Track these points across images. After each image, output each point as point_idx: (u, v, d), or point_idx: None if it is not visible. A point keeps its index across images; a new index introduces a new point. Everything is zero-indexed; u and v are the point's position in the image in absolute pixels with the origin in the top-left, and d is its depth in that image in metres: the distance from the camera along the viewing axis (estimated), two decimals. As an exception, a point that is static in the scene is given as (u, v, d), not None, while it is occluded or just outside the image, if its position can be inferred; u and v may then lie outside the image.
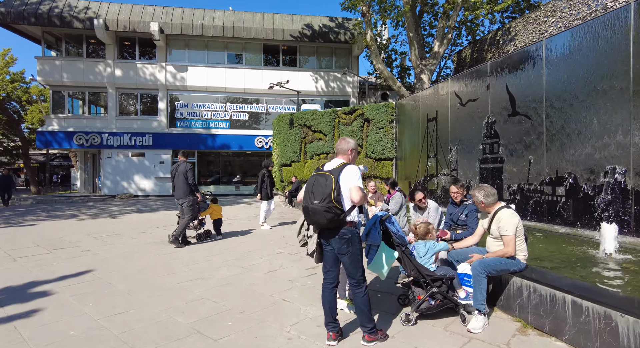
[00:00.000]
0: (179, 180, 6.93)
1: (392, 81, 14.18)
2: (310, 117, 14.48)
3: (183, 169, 6.94)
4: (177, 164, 7.08)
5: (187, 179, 6.94)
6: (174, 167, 7.05)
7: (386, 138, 12.73)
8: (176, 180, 6.97)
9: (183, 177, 6.92)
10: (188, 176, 6.96)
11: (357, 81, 21.65)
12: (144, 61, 20.22)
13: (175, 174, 7.00)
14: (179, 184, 6.95)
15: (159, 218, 11.27)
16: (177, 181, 6.96)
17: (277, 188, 15.91)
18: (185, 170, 6.94)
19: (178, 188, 6.98)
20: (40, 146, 19.18)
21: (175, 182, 6.98)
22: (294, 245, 6.74)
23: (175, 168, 7.03)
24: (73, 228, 9.38)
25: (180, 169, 6.96)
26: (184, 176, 6.93)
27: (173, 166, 7.09)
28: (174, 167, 7.05)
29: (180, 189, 6.94)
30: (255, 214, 11.69)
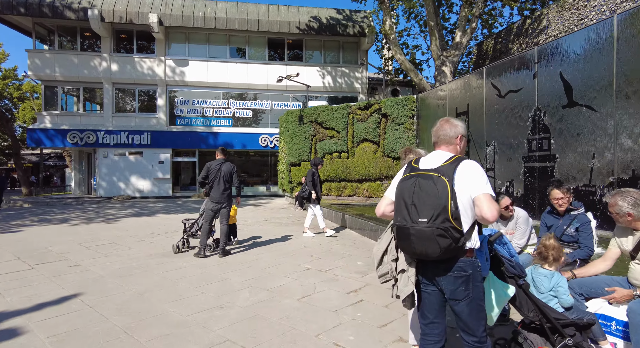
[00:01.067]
0: (222, 182, 6.04)
1: (414, 73, 13.21)
2: (322, 113, 13.47)
3: (229, 169, 6.15)
4: (219, 163, 6.14)
5: (232, 181, 6.17)
6: (214, 166, 6.10)
7: (406, 135, 11.73)
8: (218, 182, 6.05)
9: (229, 178, 6.13)
10: (234, 178, 6.18)
11: (366, 77, 20.65)
12: (142, 54, 19.14)
13: (217, 174, 6.07)
14: (222, 187, 6.04)
15: (158, 222, 10.23)
16: (220, 183, 6.04)
17: (285, 189, 14.89)
18: (232, 171, 6.17)
19: (219, 191, 6.05)
20: (32, 144, 18.06)
21: (217, 184, 6.05)
22: (321, 258, 5.73)
23: (217, 167, 6.09)
24: (63, 235, 8.33)
25: (225, 169, 6.10)
26: (230, 178, 6.13)
27: (211, 164, 6.12)
28: (214, 166, 6.10)
29: (224, 193, 6.07)
30: (265, 218, 10.67)
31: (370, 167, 12.34)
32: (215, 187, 6.03)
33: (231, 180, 6.14)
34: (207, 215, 6.09)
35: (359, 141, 12.75)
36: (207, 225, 6.07)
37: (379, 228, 6.73)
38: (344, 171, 12.85)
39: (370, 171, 12.36)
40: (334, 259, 5.67)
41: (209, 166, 6.10)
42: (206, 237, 6.03)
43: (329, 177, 13.24)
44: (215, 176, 6.04)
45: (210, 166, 6.09)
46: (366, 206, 10.92)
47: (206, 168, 6.10)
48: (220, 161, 6.15)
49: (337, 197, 13.24)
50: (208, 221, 6.08)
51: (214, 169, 6.06)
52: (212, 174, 6.05)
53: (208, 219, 6.08)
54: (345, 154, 13.03)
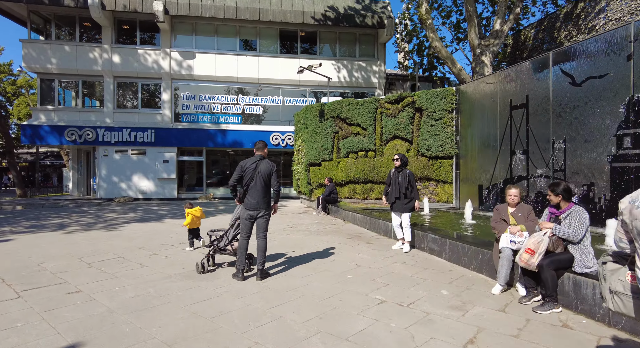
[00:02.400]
0: (259, 184, 4.76)
1: (451, 62, 12.01)
2: (346, 107, 12.25)
3: (268, 169, 4.82)
4: (255, 161, 4.82)
5: (270, 183, 4.86)
6: (249, 165, 4.80)
7: (444, 132, 10.52)
8: (254, 184, 4.78)
9: (268, 180, 4.82)
10: (273, 179, 4.86)
11: (384, 71, 19.44)
12: (146, 46, 17.87)
13: (254, 175, 4.79)
14: (260, 191, 4.75)
15: (168, 230, 8.98)
16: (257, 186, 4.77)
17: (303, 191, 13.65)
18: (272, 170, 4.85)
19: (256, 196, 4.75)
20: (26, 141, 16.76)
21: (253, 187, 4.78)
22: (389, 284, 4.50)
23: (254, 166, 4.80)
24: (60, 246, 7.07)
25: (263, 168, 4.79)
26: (269, 179, 4.83)
27: (246, 163, 4.83)
28: (249, 165, 4.80)
29: (263, 197, 4.79)
30: (289, 225, 9.44)
31: (402, 167, 11.11)
32: (252, 191, 4.79)
33: (269, 182, 4.86)
34: (243, 227, 4.83)
35: (389, 138, 11.53)
36: (244, 239, 4.82)
37: (447, 243, 5.51)
38: (371, 171, 11.63)
39: (402, 172, 11.13)
40: (407, 286, 4.45)
41: (243, 165, 4.83)
42: (244, 255, 4.78)
43: (354, 178, 12.02)
44: (251, 177, 4.79)
45: (245, 165, 4.82)
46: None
47: (239, 168, 4.83)
48: (258, 159, 4.85)
49: (362, 200, 12.02)
50: (245, 235, 4.83)
51: (250, 168, 4.79)
52: (247, 175, 4.79)
53: (245, 231, 4.83)
54: (373, 152, 11.81)
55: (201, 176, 18.71)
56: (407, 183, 6.16)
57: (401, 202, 6.19)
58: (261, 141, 5.06)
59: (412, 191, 6.17)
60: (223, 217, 11.30)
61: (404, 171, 6.24)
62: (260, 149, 4.98)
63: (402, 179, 6.18)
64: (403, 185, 6.16)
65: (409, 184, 6.16)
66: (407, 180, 6.17)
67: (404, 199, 6.18)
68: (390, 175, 6.39)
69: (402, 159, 6.28)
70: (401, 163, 6.27)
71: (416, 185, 6.26)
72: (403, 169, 6.26)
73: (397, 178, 6.25)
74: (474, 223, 7.52)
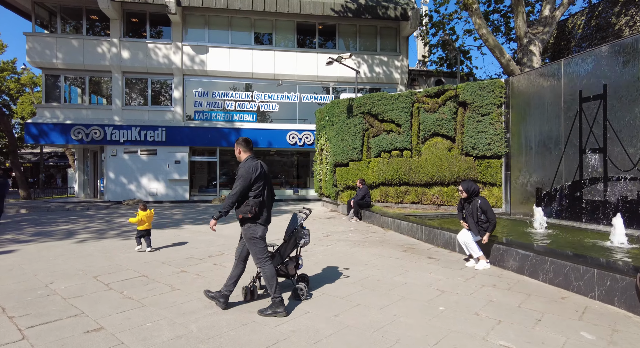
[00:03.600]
0: (272, 192, 3.87)
1: (499, 51, 10.95)
2: (378, 102, 11.23)
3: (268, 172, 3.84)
4: (258, 162, 3.76)
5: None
6: (262, 168, 3.72)
7: (493, 128, 9.49)
8: (269, 193, 3.82)
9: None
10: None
11: (407, 66, 18.41)
12: (157, 40, 16.91)
13: (267, 180, 3.78)
14: (272, 200, 3.86)
15: (191, 238, 7.98)
16: (270, 195, 3.83)
17: (327, 193, 12.64)
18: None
19: (271, 206, 3.83)
20: (30, 141, 15.83)
21: (269, 196, 3.79)
22: (502, 320, 3.47)
23: (265, 170, 3.76)
24: (70, 259, 6.08)
25: (268, 172, 3.84)
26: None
27: (257, 165, 3.69)
28: (262, 168, 3.72)
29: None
30: (324, 233, 8.42)
31: (443, 168, 10.09)
32: (267, 202, 3.74)
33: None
34: (262, 249, 3.72)
35: (428, 135, 10.51)
36: (270, 262, 3.77)
37: (546, 261, 4.47)
38: (407, 172, 10.61)
39: (443, 173, 10.11)
40: (527, 323, 3.42)
41: (256, 167, 3.62)
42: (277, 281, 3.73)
43: (386, 180, 11.01)
44: (264, 184, 3.69)
45: (257, 167, 3.64)
46: (454, 217, 8.65)
47: (253, 170, 3.58)
48: (258, 161, 3.76)
49: (396, 204, 11.00)
50: (267, 257, 3.78)
51: (262, 172, 3.67)
52: (259, 181, 3.63)
53: (266, 253, 3.78)
54: (409, 152, 10.78)
55: (214, 177, 17.74)
56: (480, 213, 5.19)
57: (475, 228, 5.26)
58: (246, 138, 3.88)
59: (489, 223, 5.15)
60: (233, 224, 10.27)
61: (474, 201, 5.25)
62: (246, 145, 3.80)
63: (473, 212, 5.23)
64: (475, 217, 5.21)
65: (483, 216, 5.18)
66: (480, 211, 5.19)
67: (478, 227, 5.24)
68: (461, 205, 5.50)
69: (467, 190, 5.30)
70: (468, 194, 5.28)
71: (494, 216, 5.21)
72: (473, 199, 5.26)
73: (468, 209, 5.32)
74: (551, 233, 6.47)
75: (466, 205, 5.35)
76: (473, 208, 5.23)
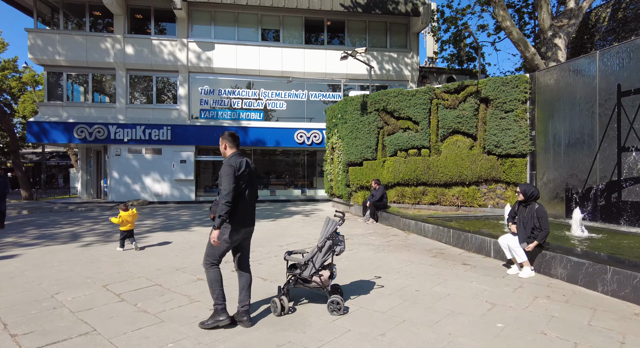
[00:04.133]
0: (255, 192, 3.57)
1: (524, 45, 10.48)
2: (393, 99, 10.79)
3: (255, 170, 3.53)
4: (244, 159, 3.43)
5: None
6: (245, 166, 3.35)
7: (517, 126, 9.04)
8: (252, 192, 3.51)
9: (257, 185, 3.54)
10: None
11: (417, 62, 17.96)
12: (162, 36, 16.48)
13: (251, 179, 3.43)
14: (254, 200, 3.57)
15: (201, 240, 7.55)
16: (253, 195, 3.54)
17: (341, 194, 12.20)
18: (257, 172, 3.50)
19: (253, 207, 3.56)
20: (32, 139, 15.42)
21: (250, 196, 3.49)
22: (580, 342, 3.03)
23: (249, 169, 3.41)
24: (77, 265, 5.66)
25: (254, 170, 3.56)
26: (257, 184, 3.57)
27: (241, 162, 3.33)
28: (245, 166, 3.35)
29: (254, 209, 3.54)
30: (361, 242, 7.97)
31: (464, 167, 9.65)
32: (248, 204, 3.38)
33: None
34: (221, 251, 3.36)
35: (447, 133, 10.07)
36: (218, 268, 3.41)
37: (608, 271, 4.03)
38: (425, 172, 10.17)
39: (464, 173, 9.67)
40: (607, 346, 2.98)
41: (241, 164, 3.27)
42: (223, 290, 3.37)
43: (403, 180, 10.57)
44: (248, 182, 3.34)
45: (243, 165, 3.29)
46: (479, 219, 8.21)
47: (238, 167, 3.23)
48: (243, 157, 3.40)
49: (412, 205, 10.56)
50: (218, 262, 3.39)
51: (247, 171, 3.33)
52: (244, 180, 3.29)
53: (219, 257, 3.38)
54: (427, 150, 10.34)
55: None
56: (535, 220, 4.73)
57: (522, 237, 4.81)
58: (232, 132, 3.49)
59: (541, 232, 4.71)
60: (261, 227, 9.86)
61: (531, 206, 4.80)
62: (233, 141, 3.43)
63: (529, 216, 4.79)
64: (529, 223, 4.75)
65: (538, 223, 4.72)
66: (536, 217, 4.73)
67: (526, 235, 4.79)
68: (515, 208, 5.03)
69: (525, 192, 4.85)
70: (525, 197, 4.83)
71: (548, 225, 4.76)
72: (531, 203, 4.81)
73: (523, 213, 4.86)
74: (595, 238, 6.02)
75: (521, 209, 4.90)
76: (529, 213, 4.78)
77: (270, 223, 10.06)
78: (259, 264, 5.63)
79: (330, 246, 3.69)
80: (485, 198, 9.61)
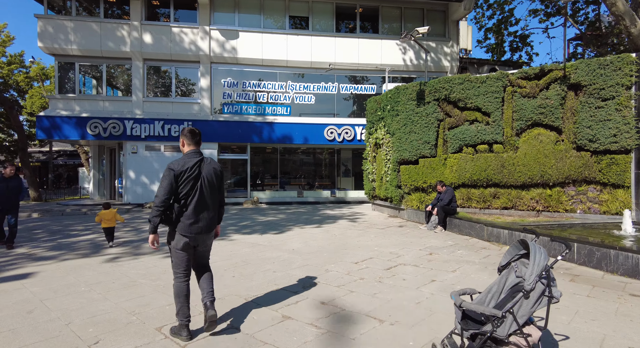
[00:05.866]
0: (208, 197, 3.30)
1: (630, 19, 9.03)
2: (458, 87, 9.40)
3: (217, 171, 3.39)
4: (196, 162, 3.17)
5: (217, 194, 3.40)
6: (190, 167, 3.11)
7: (619, 116, 7.62)
8: (200, 197, 3.24)
9: (216, 189, 3.37)
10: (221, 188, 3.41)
11: (457, 52, 16.56)
12: (182, 23, 15.15)
13: (196, 183, 3.19)
14: (211, 206, 3.32)
15: (252, 253, 6.18)
16: (203, 199, 3.26)
17: (391, 196, 10.82)
18: (221, 175, 3.45)
19: (206, 212, 3.28)
20: (42, 135, 14.14)
21: (199, 200, 3.22)
22: None
23: (195, 171, 3.14)
24: (110, 291, 4.31)
25: (210, 171, 3.30)
26: (216, 189, 3.37)
27: (182, 164, 3.10)
28: (190, 167, 3.11)
29: (214, 216, 3.38)
30: (424, 250, 6.60)
31: (548, 165, 8.24)
32: (197, 209, 3.11)
33: (217, 193, 3.32)
34: (180, 261, 3.14)
35: (525, 126, 8.67)
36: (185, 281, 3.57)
37: None
38: (498, 171, 8.77)
39: (548, 172, 8.26)
40: None
41: (184, 164, 3.06)
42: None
43: (469, 180, 9.18)
44: (196, 186, 3.11)
45: (187, 164, 3.07)
46: (586, 227, 6.77)
47: (171, 172, 3.01)
48: (199, 158, 3.18)
49: (481, 210, 9.16)
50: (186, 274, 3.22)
51: (194, 173, 3.09)
52: (187, 181, 3.06)
53: (185, 267, 3.16)
54: (500, 146, 8.94)
55: (245, 177, 15.97)
56: None
57: None
58: (191, 128, 3.28)
59: None
60: (292, 234, 8.52)
61: None
62: (192, 138, 3.23)
63: None
64: None
65: None
66: None
67: None
68: None
69: None
70: None
71: None
72: None
73: None
74: None
75: None
76: None
77: (317, 230, 8.70)
78: (351, 292, 4.26)
79: (544, 290, 2.31)
80: (573, 202, 8.19)
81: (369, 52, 15.85)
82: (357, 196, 16.44)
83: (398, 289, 4.35)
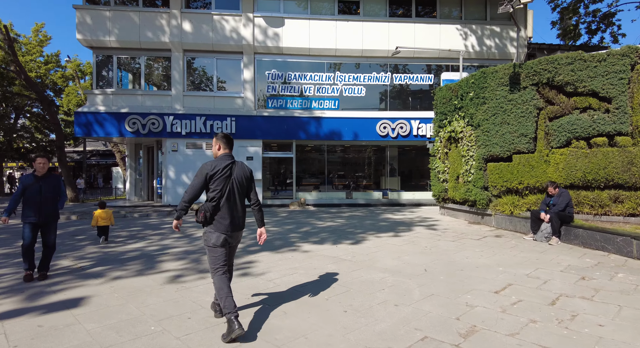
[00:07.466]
0: (239, 197, 3.36)
1: None
2: (566, 67, 7.77)
3: (247, 174, 3.42)
4: (227, 163, 3.26)
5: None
6: (220, 168, 3.22)
7: None
8: (231, 198, 3.27)
9: (246, 190, 3.47)
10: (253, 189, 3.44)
11: (526, 37, 14.75)
12: (223, 10, 14.08)
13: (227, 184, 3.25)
14: (240, 206, 3.38)
15: (341, 270, 4.84)
16: (237, 199, 3.31)
17: (472, 200, 9.26)
18: (250, 177, 3.50)
19: (238, 211, 3.35)
20: (80, 133, 13.38)
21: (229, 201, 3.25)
22: None
23: (227, 172, 3.25)
24: (189, 333, 3.06)
25: (242, 173, 3.35)
26: (246, 190, 3.46)
27: (214, 166, 3.20)
28: (220, 168, 3.22)
29: (243, 214, 3.46)
30: (571, 276, 5.09)
31: (699, 162, 6.52)
32: (229, 209, 3.19)
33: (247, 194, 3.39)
34: (218, 257, 3.21)
35: (663, 114, 6.97)
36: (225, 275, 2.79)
37: None
38: (623, 169, 7.12)
39: (698, 170, 6.54)
40: None
41: (214, 165, 3.18)
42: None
43: (581, 180, 7.57)
44: (227, 187, 3.18)
45: (218, 166, 3.17)
46: None
47: (210, 168, 3.16)
48: (229, 160, 3.26)
49: (595, 216, 7.51)
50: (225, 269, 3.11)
51: (225, 174, 3.17)
52: (218, 182, 3.15)
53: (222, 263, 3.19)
54: (627, 138, 7.28)
55: (290, 176, 14.76)
56: None
57: None
58: (224, 133, 3.33)
59: None
60: (370, 245, 7.14)
61: None
62: (225, 142, 3.33)
63: None
64: None
65: None
66: None
67: None
68: None
69: None
70: None
71: None
72: None
73: None
74: None
75: None
76: None
77: (397, 240, 7.30)
78: (539, 347, 2.84)
79: None
80: None
81: (427, 38, 14.33)
82: (411, 198, 14.93)
83: (607, 343, 2.90)
